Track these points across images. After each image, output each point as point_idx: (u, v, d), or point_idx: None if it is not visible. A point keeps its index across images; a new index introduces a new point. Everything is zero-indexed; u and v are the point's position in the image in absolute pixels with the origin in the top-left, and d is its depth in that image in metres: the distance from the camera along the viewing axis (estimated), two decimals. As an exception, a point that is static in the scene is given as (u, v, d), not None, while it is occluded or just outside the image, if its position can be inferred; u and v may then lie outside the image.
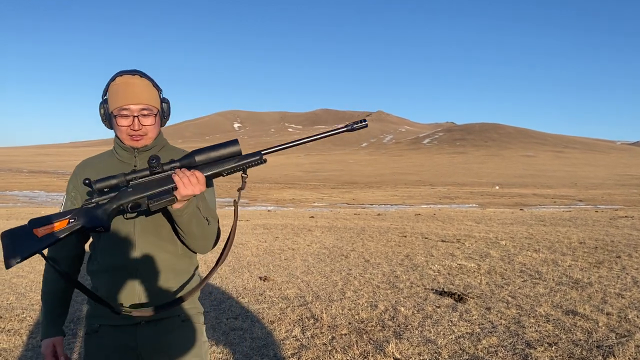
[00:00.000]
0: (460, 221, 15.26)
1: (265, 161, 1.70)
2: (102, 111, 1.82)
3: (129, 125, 1.76)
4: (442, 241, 10.26)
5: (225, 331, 4.51)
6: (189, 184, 1.59)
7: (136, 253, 1.77)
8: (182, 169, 1.60)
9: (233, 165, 1.65)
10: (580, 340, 4.11)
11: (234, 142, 1.67)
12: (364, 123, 1.73)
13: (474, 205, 30.01)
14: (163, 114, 1.87)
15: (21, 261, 1.47)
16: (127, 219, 1.73)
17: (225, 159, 1.65)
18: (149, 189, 1.60)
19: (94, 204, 1.61)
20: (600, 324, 4.49)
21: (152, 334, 1.78)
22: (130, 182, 1.61)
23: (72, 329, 4.55)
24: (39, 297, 5.63)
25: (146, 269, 1.78)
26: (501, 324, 4.58)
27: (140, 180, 1.61)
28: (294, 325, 4.68)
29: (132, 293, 1.77)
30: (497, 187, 54.34)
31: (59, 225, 1.51)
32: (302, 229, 12.84)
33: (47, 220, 1.52)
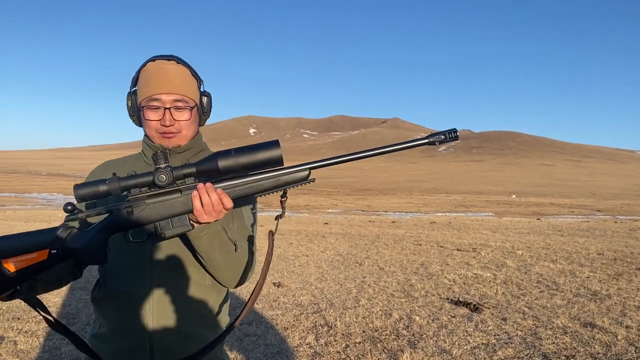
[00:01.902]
0: (476, 230, 15.14)
1: (313, 180, 1.30)
2: (130, 103, 1.49)
3: (158, 120, 1.43)
4: (458, 250, 10.18)
5: (239, 337, 4.51)
6: (211, 211, 1.23)
7: (150, 279, 1.42)
8: (205, 186, 1.22)
9: (270, 185, 1.26)
10: (598, 353, 4.04)
11: (273, 144, 1.23)
12: (453, 134, 1.26)
13: (490, 214, 29.75)
14: (202, 110, 1.53)
15: None
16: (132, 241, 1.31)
17: (258, 169, 1.24)
18: (155, 210, 1.22)
19: (82, 223, 1.29)
20: (619, 337, 4.41)
21: None
22: (129, 193, 1.22)
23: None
24: (57, 299, 5.70)
25: (162, 301, 1.43)
26: (517, 335, 4.52)
27: (142, 194, 1.22)
28: (308, 333, 4.67)
29: (142, 330, 1.42)
30: (514, 196, 53.83)
31: (37, 258, 1.16)
32: (316, 236, 12.84)
33: (23, 246, 1.16)
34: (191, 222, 1.26)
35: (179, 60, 1.47)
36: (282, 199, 1.32)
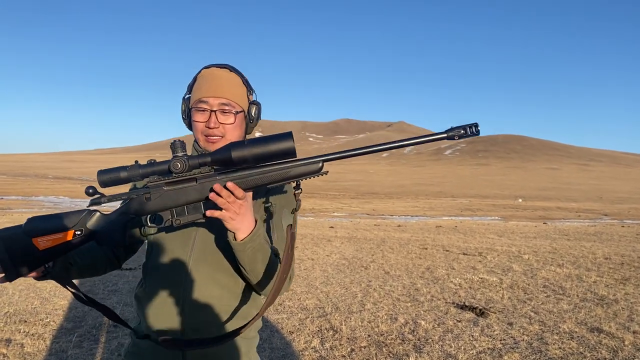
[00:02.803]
0: (482, 234, 15.08)
1: (326, 172, 1.32)
2: (183, 107, 1.58)
3: (204, 122, 1.51)
4: (464, 254, 10.16)
5: (245, 340, 4.51)
6: (227, 206, 1.27)
7: (185, 284, 1.49)
8: (215, 188, 1.26)
9: (282, 176, 1.29)
10: (605, 358, 4.03)
11: (286, 136, 1.26)
12: (474, 129, 1.25)
13: (497, 218, 29.63)
14: (250, 118, 1.59)
15: (17, 278, 1.27)
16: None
17: (272, 160, 1.27)
18: (171, 197, 1.28)
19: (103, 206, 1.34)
20: (626, 343, 4.39)
21: None
22: (148, 180, 1.29)
23: (94, 335, 4.61)
24: (63, 302, 5.73)
25: (194, 306, 1.49)
26: (523, 340, 4.50)
27: (160, 181, 1.29)
28: (313, 337, 4.67)
29: (176, 330, 1.50)
30: (520, 200, 53.60)
31: (63, 238, 1.26)
32: (322, 239, 12.83)
33: (51, 226, 1.26)
34: (203, 213, 1.30)
35: (232, 69, 1.56)
36: (296, 192, 1.37)
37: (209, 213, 1.28)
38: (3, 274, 1.27)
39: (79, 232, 1.27)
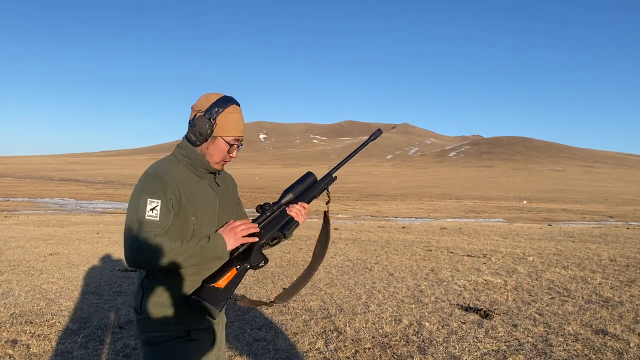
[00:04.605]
0: (486, 236, 15.05)
1: (336, 177, 2.22)
2: (209, 131, 1.91)
3: (229, 153, 2.00)
4: (468, 256, 10.13)
5: (249, 342, 4.53)
6: (302, 215, 2.09)
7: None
8: (299, 204, 2.08)
9: (320, 189, 2.18)
10: (610, 361, 4.01)
11: (309, 174, 2.16)
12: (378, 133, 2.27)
13: (501, 219, 29.55)
14: None
15: (221, 309, 1.89)
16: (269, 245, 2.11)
17: (309, 187, 2.15)
18: (275, 225, 2.04)
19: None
20: (631, 345, 4.38)
21: (221, 333, 2.12)
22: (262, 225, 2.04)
23: (100, 336, 4.63)
24: (69, 303, 5.76)
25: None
26: (528, 342, 4.50)
27: (265, 221, 2.06)
28: (318, 338, 4.67)
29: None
30: (525, 202, 53.45)
31: (231, 274, 1.92)
32: (326, 241, 12.81)
33: (220, 274, 1.92)
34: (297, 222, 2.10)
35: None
36: (328, 193, 2.20)
37: (291, 209, 2.09)
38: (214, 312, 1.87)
39: (238, 266, 1.95)
